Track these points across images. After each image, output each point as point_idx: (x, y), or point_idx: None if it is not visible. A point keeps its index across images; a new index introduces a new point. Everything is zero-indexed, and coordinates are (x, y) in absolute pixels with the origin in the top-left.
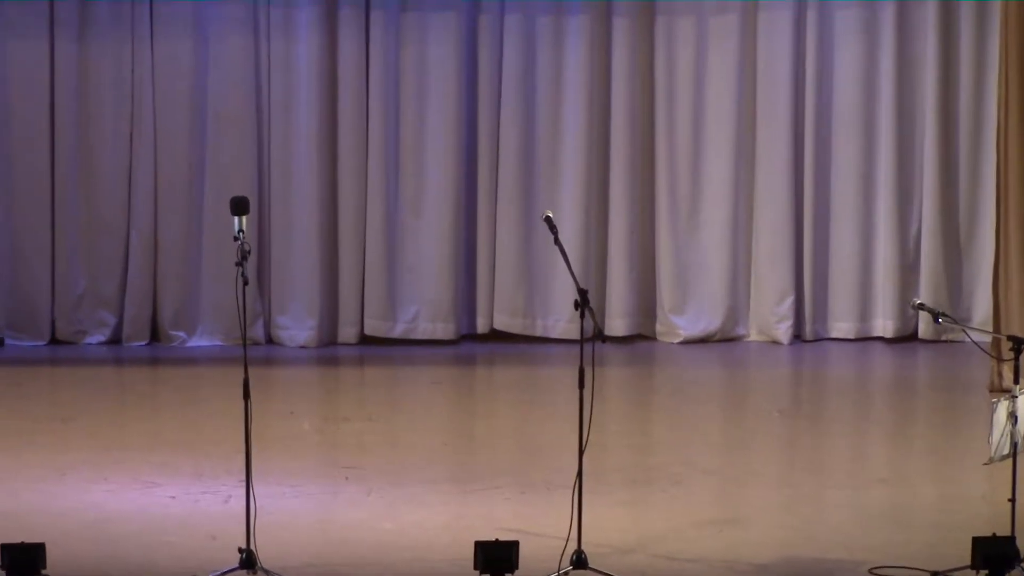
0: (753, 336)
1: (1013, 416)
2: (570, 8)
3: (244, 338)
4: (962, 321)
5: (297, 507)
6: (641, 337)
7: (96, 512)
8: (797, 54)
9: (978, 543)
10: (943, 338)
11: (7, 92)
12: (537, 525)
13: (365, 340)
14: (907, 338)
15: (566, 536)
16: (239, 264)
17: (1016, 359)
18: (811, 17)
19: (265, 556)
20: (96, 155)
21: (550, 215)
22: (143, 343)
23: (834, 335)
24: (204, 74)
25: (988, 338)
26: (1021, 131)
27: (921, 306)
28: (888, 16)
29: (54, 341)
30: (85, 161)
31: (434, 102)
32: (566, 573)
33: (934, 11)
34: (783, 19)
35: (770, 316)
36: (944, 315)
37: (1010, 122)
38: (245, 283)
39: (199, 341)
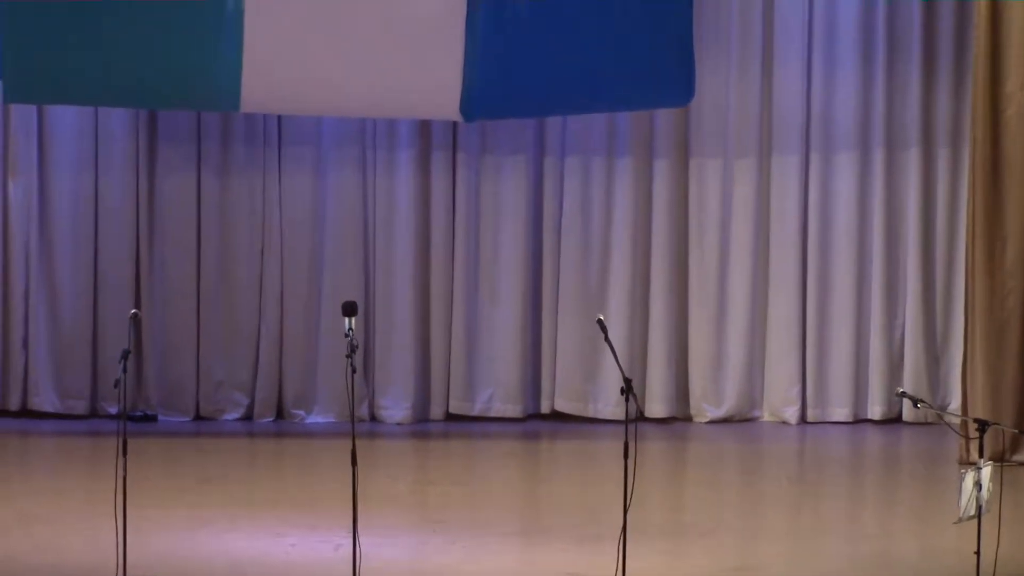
0: (766, 417)
1: (978, 484)
2: (619, 151)
3: (352, 416)
4: (938, 407)
5: (394, 554)
6: (675, 419)
7: (229, 557)
8: (803, 190)
9: None
10: (922, 421)
11: (164, 218)
12: (590, 569)
13: (450, 417)
14: (893, 420)
15: None
16: (348, 356)
17: (980, 438)
18: (815, 160)
19: None
20: (233, 267)
21: (601, 318)
22: (270, 420)
23: (833, 418)
24: (322, 203)
25: (958, 420)
26: (985, 260)
27: (904, 394)
28: (878, 160)
29: (198, 417)
30: (224, 272)
31: (507, 226)
32: None
33: (916, 156)
34: (791, 163)
35: (780, 401)
36: (922, 401)
37: (976, 251)
38: (353, 372)
39: (316, 418)
